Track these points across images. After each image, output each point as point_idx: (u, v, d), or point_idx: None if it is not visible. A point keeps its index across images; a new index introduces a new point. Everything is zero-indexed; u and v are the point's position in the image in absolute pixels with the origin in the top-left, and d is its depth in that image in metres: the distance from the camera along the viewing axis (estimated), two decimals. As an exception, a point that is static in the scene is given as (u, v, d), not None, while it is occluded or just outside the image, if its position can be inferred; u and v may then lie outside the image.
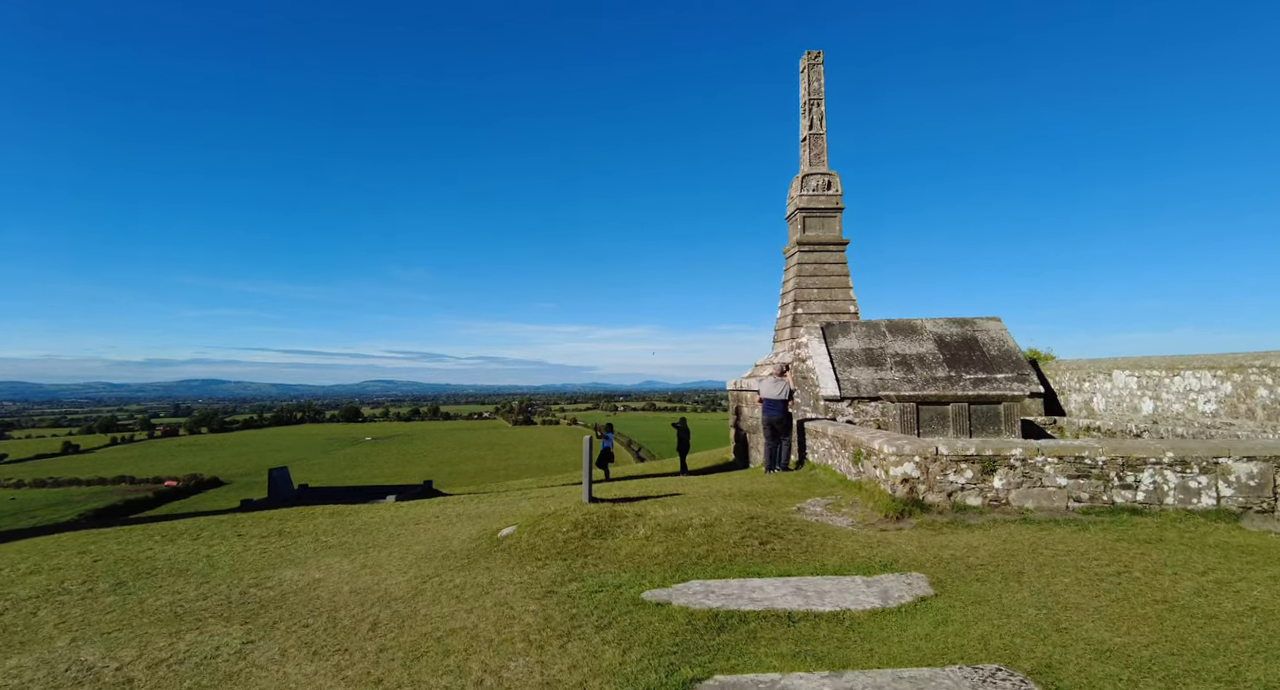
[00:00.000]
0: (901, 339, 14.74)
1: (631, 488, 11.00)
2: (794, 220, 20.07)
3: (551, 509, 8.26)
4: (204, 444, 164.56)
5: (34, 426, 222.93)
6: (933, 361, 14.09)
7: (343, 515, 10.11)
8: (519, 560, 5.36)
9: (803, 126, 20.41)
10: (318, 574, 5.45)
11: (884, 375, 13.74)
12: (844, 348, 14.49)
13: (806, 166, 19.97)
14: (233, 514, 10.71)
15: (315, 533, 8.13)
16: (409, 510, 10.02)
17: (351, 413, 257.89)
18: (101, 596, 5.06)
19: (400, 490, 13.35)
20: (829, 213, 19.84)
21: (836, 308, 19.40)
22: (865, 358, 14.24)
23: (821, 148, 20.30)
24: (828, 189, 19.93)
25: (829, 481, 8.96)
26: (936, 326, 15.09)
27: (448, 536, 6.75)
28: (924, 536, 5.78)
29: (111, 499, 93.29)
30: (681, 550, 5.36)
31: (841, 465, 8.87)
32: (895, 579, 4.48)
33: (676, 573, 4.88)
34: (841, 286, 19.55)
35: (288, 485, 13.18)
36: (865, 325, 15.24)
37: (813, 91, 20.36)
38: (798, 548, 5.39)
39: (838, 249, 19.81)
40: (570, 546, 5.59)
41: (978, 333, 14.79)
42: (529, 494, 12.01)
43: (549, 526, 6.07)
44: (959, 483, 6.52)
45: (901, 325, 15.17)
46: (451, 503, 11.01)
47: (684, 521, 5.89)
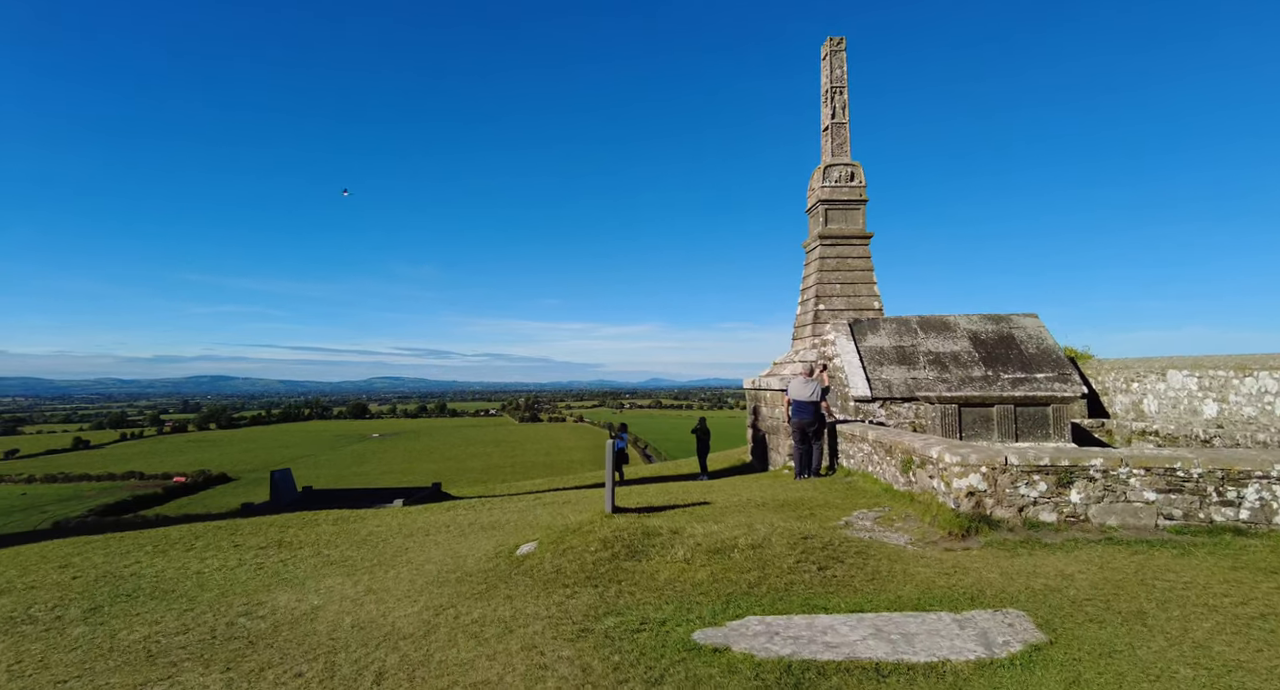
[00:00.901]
0: (934, 336, 14.01)
1: (653, 494, 10.34)
2: (815, 213, 19.34)
3: (572, 521, 7.61)
4: (212, 440, 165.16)
5: (45, 422, 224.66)
6: (968, 360, 13.35)
7: (347, 522, 9.50)
8: (544, 586, 4.71)
9: (824, 116, 19.67)
10: (316, 600, 4.81)
11: (917, 375, 13.01)
12: (873, 345, 13.77)
13: (828, 157, 19.24)
14: (231, 520, 10.12)
15: (317, 544, 7.51)
16: (418, 517, 9.40)
17: (359, 409, 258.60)
18: (70, 627, 4.44)
19: (408, 493, 12.74)
20: (852, 205, 19.10)
21: (860, 304, 18.66)
22: (896, 356, 13.52)
23: (844, 137, 19.55)
24: (850, 180, 19.19)
25: (871, 491, 8.27)
26: (970, 323, 14.34)
27: (461, 553, 6.11)
28: (999, 559, 5.09)
29: (121, 494, 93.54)
30: (729, 576, 4.69)
31: (886, 473, 8.18)
32: (991, 617, 3.80)
33: (727, 606, 4.21)
34: (865, 282, 18.81)
35: (290, 488, 12.60)
36: (895, 322, 14.52)
37: (835, 79, 19.59)
38: (862, 574, 4.71)
39: (861, 243, 19.08)
40: (600, 570, 4.93)
41: (1014, 330, 14.03)
42: (543, 499, 11.37)
43: (574, 545, 5.41)
44: (1031, 496, 5.83)
45: (934, 322, 14.43)
46: (462, 509, 10.38)
47: (728, 541, 5.22)
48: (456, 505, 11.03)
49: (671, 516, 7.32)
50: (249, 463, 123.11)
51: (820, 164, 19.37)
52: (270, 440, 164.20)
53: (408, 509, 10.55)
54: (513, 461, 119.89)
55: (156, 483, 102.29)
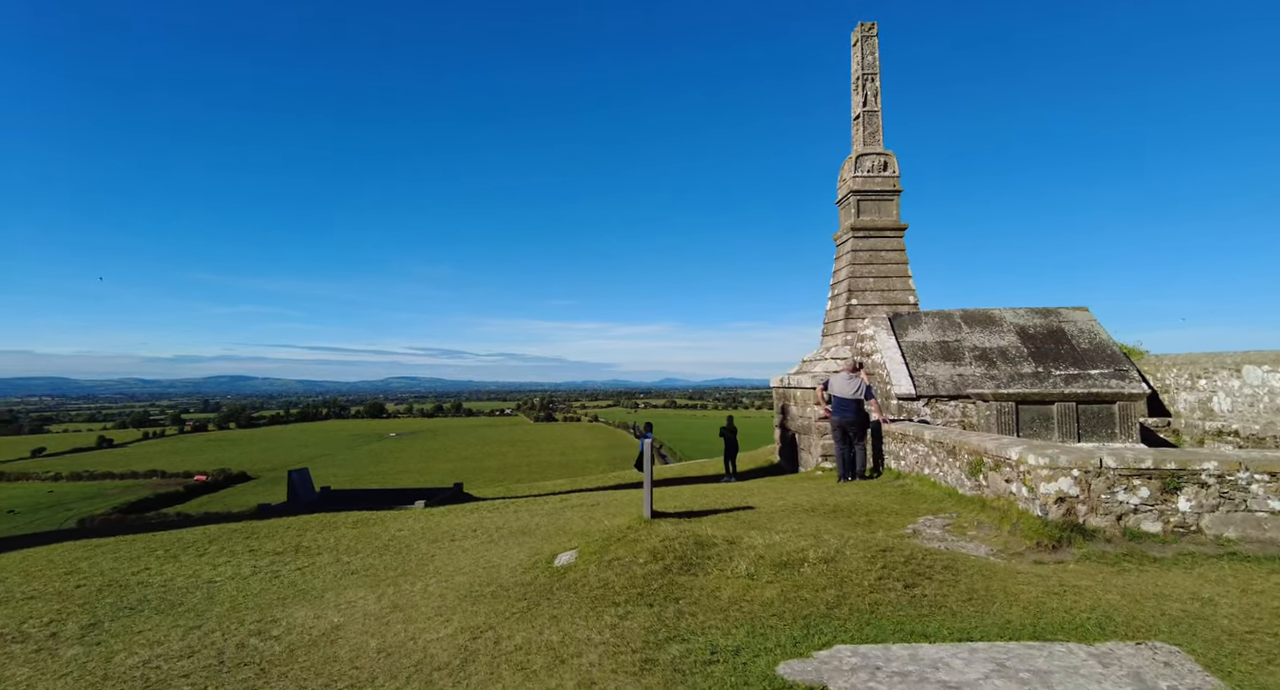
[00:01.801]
0: (979, 331, 13.29)
1: (688, 497, 9.76)
2: (846, 204, 18.65)
3: (609, 526, 7.06)
4: (232, 439, 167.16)
5: (71, 421, 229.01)
6: (1016, 356, 12.62)
7: (368, 525, 9.02)
8: (591, 604, 4.15)
9: (855, 104, 18.98)
10: (336, 617, 4.29)
11: (963, 371, 12.31)
12: (915, 341, 13.08)
13: (860, 146, 18.55)
14: (248, 522, 9.69)
15: (336, 549, 7.02)
16: (441, 520, 8.90)
17: (376, 409, 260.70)
18: (64, 647, 3.96)
19: (429, 494, 12.28)
20: (885, 196, 18.41)
21: (894, 298, 17.96)
22: (940, 352, 12.82)
23: (876, 125, 18.83)
24: (884, 170, 18.49)
25: (931, 495, 7.62)
26: (1017, 317, 13.60)
27: (493, 561, 5.57)
28: (1108, 575, 4.46)
29: (143, 493, 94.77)
30: (801, 595, 4.11)
31: (948, 476, 7.53)
32: (1136, 652, 3.18)
33: (807, 631, 3.63)
34: (900, 275, 18.09)
35: (308, 488, 12.19)
36: (937, 316, 13.82)
37: (866, 66, 18.90)
38: (956, 593, 4.10)
39: (895, 235, 18.37)
40: (652, 585, 4.36)
41: (1064, 324, 13.27)
42: (569, 501, 10.84)
43: (620, 556, 4.85)
44: (1131, 503, 5.17)
45: (978, 316, 13.71)
46: (487, 511, 9.88)
47: (795, 554, 4.63)
48: (480, 507, 10.54)
49: (718, 523, 6.73)
50: (268, 462, 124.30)
51: (851, 153, 18.69)
52: (289, 439, 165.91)
53: (430, 511, 10.06)
54: (529, 461, 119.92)
55: (178, 481, 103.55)
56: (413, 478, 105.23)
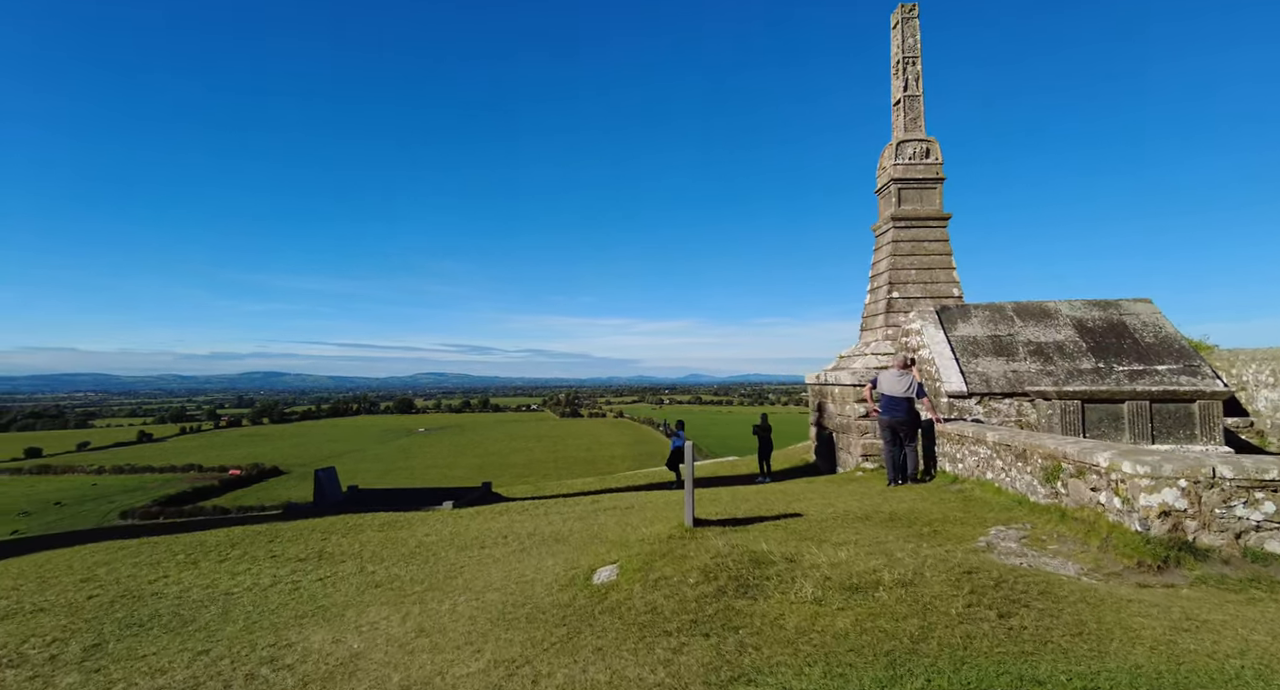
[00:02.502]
0: (1033, 325, 12.49)
1: (726, 500, 9.25)
2: (887, 193, 17.88)
3: (647, 534, 6.58)
4: (265, 434, 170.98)
5: (113, 416, 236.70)
6: (1074, 351, 11.82)
7: (395, 528, 8.69)
8: (640, 633, 3.67)
9: (895, 88, 18.17)
10: (357, 642, 3.88)
11: (1017, 367, 11.56)
12: (965, 335, 12.35)
13: (901, 132, 17.74)
14: (272, 523, 9.44)
15: (361, 556, 6.67)
16: (470, 524, 8.52)
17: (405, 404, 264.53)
18: (61, 673, 3.61)
19: (457, 494, 11.95)
20: (928, 184, 17.60)
21: (938, 291, 17.16)
22: (992, 347, 12.07)
23: (918, 111, 18.01)
24: (926, 157, 17.68)
25: (996, 503, 6.99)
26: (1073, 310, 12.77)
27: (526, 576, 5.13)
28: (1237, 606, 3.83)
29: (181, 486, 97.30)
30: (880, 625, 3.57)
31: (1017, 482, 6.89)
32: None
33: (893, 671, 3.10)
34: (943, 267, 17.30)
35: (335, 488, 11.94)
36: (987, 309, 13.05)
37: (907, 49, 18.08)
38: (1061, 625, 3.52)
39: (938, 225, 17.56)
40: (707, 610, 3.87)
41: (1125, 316, 12.41)
42: (601, 503, 10.39)
43: (668, 574, 4.36)
44: (1253, 520, 4.52)
45: (1031, 308, 12.91)
46: (516, 513, 9.48)
47: (866, 575, 4.09)
48: (509, 509, 10.16)
49: (767, 533, 6.21)
50: (300, 457, 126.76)
51: (891, 140, 17.90)
52: (320, 434, 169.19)
53: (458, 513, 9.71)
54: (555, 457, 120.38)
55: (213, 475, 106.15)
56: (441, 472, 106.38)
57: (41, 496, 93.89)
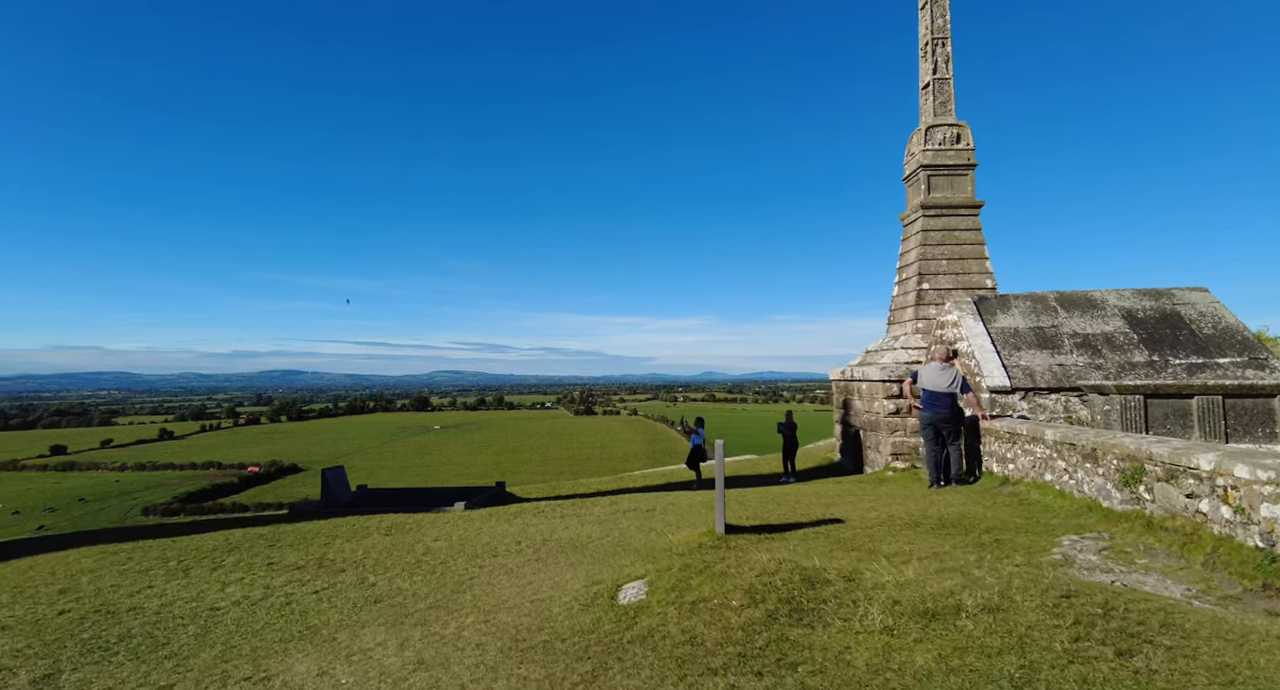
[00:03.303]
0: (1078, 315, 11.72)
1: (755, 503, 8.62)
2: (915, 180, 17.10)
3: (673, 541, 5.98)
4: (284, 431, 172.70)
5: (136, 413, 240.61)
6: (1125, 343, 11.03)
7: (402, 532, 8.17)
8: (679, 670, 3.06)
9: (923, 71, 17.37)
10: (345, 673, 3.33)
11: (1063, 360, 10.80)
12: (1006, 327, 11.60)
13: (930, 117, 16.95)
14: (275, 526, 8.97)
15: (363, 565, 6.14)
16: (482, 528, 7.98)
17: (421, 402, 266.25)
18: (1, 712, 3.09)
19: (469, 495, 11.43)
20: (959, 170, 16.80)
21: (970, 282, 16.37)
22: (1035, 339, 11.32)
23: (948, 94, 17.20)
24: (957, 142, 16.87)
25: (1060, 508, 6.30)
26: (1122, 299, 11.96)
27: (542, 593, 4.55)
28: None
29: (201, 483, 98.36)
30: (969, 663, 2.94)
31: (1084, 485, 6.20)
32: None
33: (1001, 729, 2.47)
34: (976, 256, 16.50)
35: (343, 487, 11.48)
36: (1028, 299, 12.28)
37: (936, 29, 17.27)
38: (1201, 669, 2.87)
39: (970, 213, 16.77)
40: (757, 642, 3.25)
41: (1179, 306, 11.59)
42: (619, 504, 9.82)
43: (706, 594, 3.76)
44: (1396, 534, 3.82)
45: (1076, 298, 12.12)
46: (531, 516, 8.93)
47: (943, 598, 3.46)
48: (524, 510, 9.61)
49: (809, 542, 5.59)
50: (318, 454, 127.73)
51: (920, 125, 17.12)
52: (337, 432, 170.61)
53: (469, 515, 9.18)
54: (570, 454, 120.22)
55: (233, 472, 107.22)
56: (456, 469, 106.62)
57: (67, 493, 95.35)
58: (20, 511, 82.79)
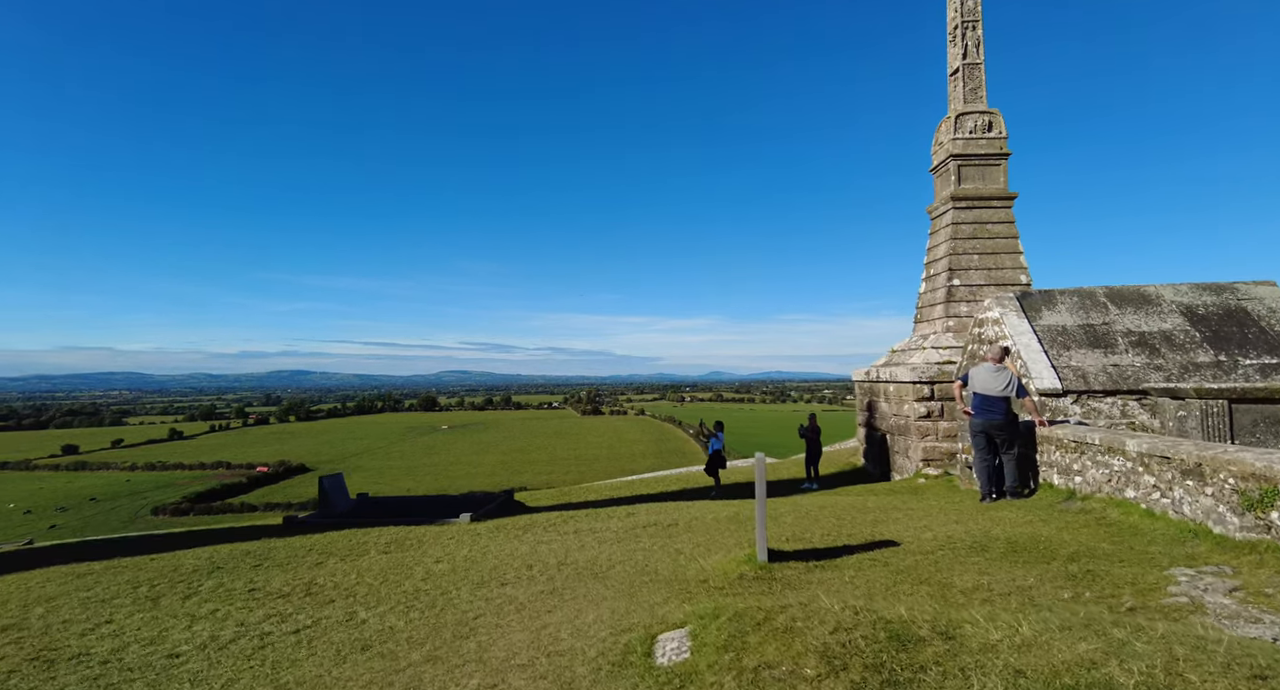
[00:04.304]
0: (1131, 312, 10.85)
1: (788, 516, 7.83)
2: (944, 171, 16.25)
3: (708, 568, 5.21)
4: (292, 431, 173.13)
5: (146, 413, 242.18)
6: (1186, 341, 10.16)
7: (402, 549, 7.44)
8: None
9: (952, 56, 16.53)
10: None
11: (1118, 361, 9.94)
12: (1052, 324, 10.74)
13: (960, 104, 16.10)
14: (266, 541, 8.26)
15: (354, 594, 5.40)
16: (489, 547, 7.23)
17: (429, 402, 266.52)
18: None
19: (476, 504, 10.69)
20: (991, 160, 15.96)
21: (1003, 278, 15.53)
22: (1085, 337, 10.46)
23: (979, 80, 16.35)
24: (989, 130, 16.03)
25: (1155, 532, 5.47)
26: (1179, 295, 11.08)
27: (561, 641, 3.78)
28: None
29: (211, 483, 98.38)
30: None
31: (1186, 506, 5.37)
32: None
33: None
34: (1009, 251, 15.66)
35: (342, 496, 10.77)
36: (1075, 295, 11.42)
37: (966, 12, 16.42)
38: None
39: (1003, 205, 15.93)
40: (847, 731, 2.48)
41: (1245, 302, 10.70)
42: (637, 516, 9.05)
43: (770, 659, 2.98)
44: None
45: (1128, 293, 11.24)
46: (542, 531, 8.18)
47: (1083, 672, 2.66)
48: (534, 523, 8.86)
49: (866, 573, 4.80)
50: (326, 454, 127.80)
51: (949, 113, 16.27)
52: (345, 432, 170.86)
53: (475, 529, 8.44)
54: (577, 454, 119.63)
55: (241, 472, 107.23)
56: (464, 469, 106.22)
57: (78, 492, 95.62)
58: (32, 510, 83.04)
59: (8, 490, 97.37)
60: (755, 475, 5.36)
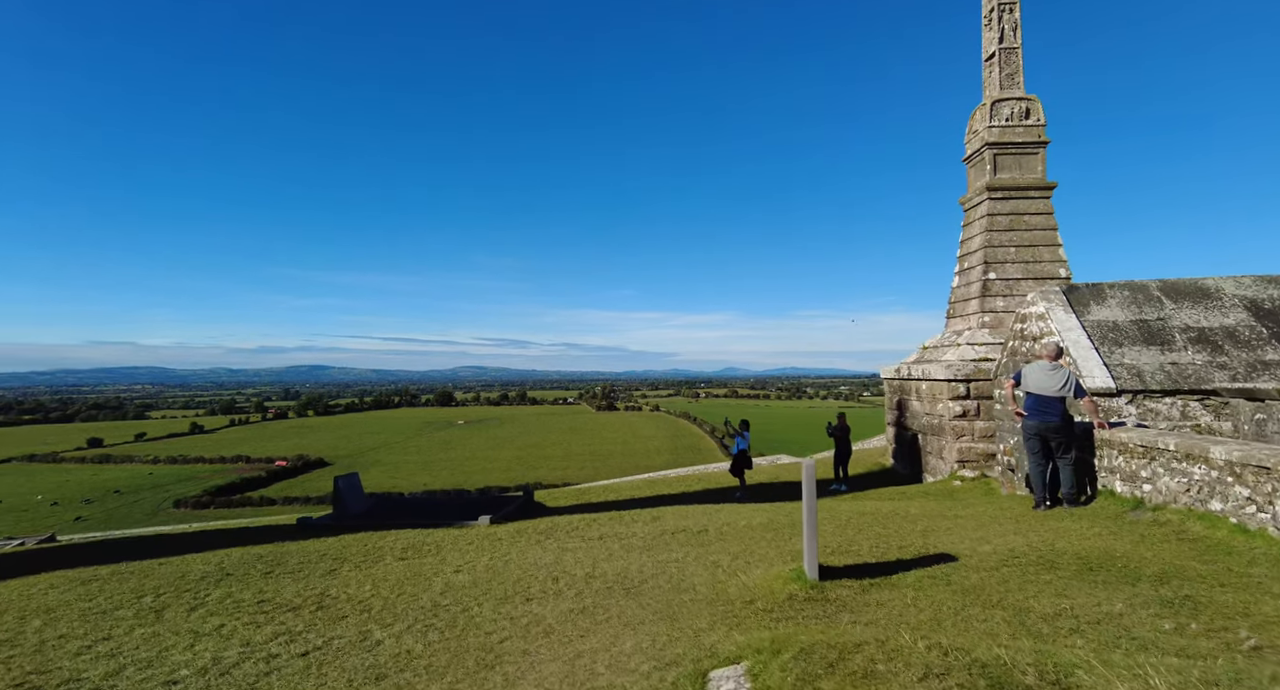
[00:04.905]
0: (1189, 306, 10.18)
1: (826, 522, 7.33)
2: (979, 160, 15.58)
3: (752, 586, 4.76)
4: (310, 426, 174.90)
5: (168, 408, 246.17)
6: (1252, 338, 9.50)
7: (420, 555, 7.07)
8: None
9: (987, 40, 15.83)
10: None
11: (1176, 358, 9.31)
12: (1101, 320, 10.12)
13: (996, 90, 15.41)
14: (279, 545, 7.93)
15: (369, 608, 5.02)
16: (509, 554, 6.83)
17: (445, 397, 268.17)
18: None
19: (495, 506, 10.31)
20: (1028, 148, 15.28)
21: (1042, 271, 14.86)
22: (1138, 334, 9.83)
23: (1016, 65, 15.64)
24: (1026, 118, 15.33)
25: (1254, 552, 4.91)
26: (1241, 287, 10.39)
27: (601, 683, 3.34)
28: None
29: (230, 477, 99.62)
30: None
31: None
32: None
33: None
34: (1048, 243, 14.98)
35: (357, 497, 10.44)
36: (1125, 288, 10.77)
37: (1003, -7, 15.71)
38: None
39: (1041, 195, 15.25)
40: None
41: (1313, 296, 9.99)
42: (663, 521, 8.61)
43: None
44: None
45: (1184, 287, 10.57)
46: (565, 536, 7.77)
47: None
48: (556, 527, 8.46)
49: (929, 593, 4.31)
50: (344, 448, 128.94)
51: (984, 100, 15.59)
52: (363, 426, 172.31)
53: (496, 535, 8.05)
54: (593, 450, 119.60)
55: (261, 466, 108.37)
56: (480, 464, 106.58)
57: (104, 485, 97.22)
58: (59, 502, 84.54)
59: (37, 482, 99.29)
60: (803, 484, 4.88)
